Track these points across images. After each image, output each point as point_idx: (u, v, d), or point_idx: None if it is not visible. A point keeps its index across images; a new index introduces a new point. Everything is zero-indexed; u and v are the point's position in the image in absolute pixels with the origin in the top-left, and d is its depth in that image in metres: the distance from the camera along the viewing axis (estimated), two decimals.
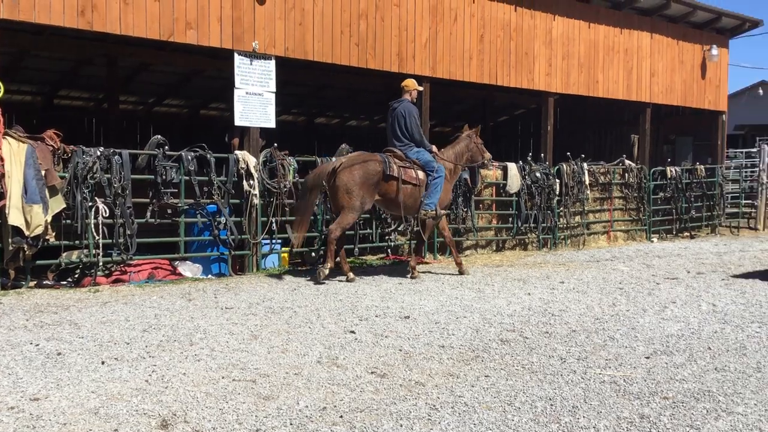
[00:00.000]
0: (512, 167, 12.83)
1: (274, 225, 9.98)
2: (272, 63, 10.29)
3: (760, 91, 33.40)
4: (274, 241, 10.15)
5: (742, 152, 21.55)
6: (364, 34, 11.33)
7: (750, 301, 7.89)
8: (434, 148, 9.75)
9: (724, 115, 18.37)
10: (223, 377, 4.83)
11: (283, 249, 10.43)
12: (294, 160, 10.30)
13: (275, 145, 10.20)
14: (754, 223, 17.78)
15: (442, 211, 9.63)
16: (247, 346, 5.69)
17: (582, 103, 16.65)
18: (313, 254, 10.59)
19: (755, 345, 5.87)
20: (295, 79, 16.30)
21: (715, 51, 17.26)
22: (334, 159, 10.00)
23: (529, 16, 13.68)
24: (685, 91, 17.18)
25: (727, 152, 20.12)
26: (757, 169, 18.34)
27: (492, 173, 12.59)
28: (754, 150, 19.76)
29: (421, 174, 9.40)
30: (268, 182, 9.88)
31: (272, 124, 10.38)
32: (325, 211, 10.44)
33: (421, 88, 10.04)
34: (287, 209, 10.12)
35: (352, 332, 6.20)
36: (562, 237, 13.74)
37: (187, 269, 9.41)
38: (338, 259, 9.26)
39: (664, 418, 4.13)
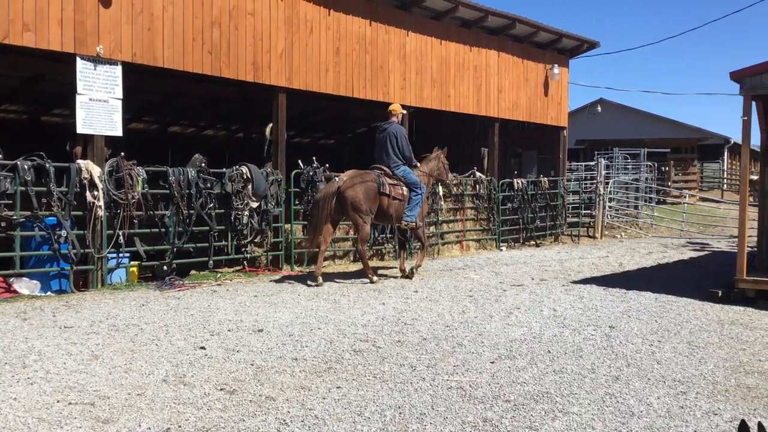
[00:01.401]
0: None
1: (121, 238, 9.51)
2: (118, 69, 9.84)
3: (599, 108, 36.00)
4: (121, 254, 9.68)
5: (582, 165, 23.07)
6: (218, 42, 11.08)
7: (587, 305, 8.43)
8: (418, 164, 11.01)
9: (565, 131, 19.56)
10: (58, 401, 4.54)
11: (132, 263, 9.97)
12: (143, 170, 9.88)
13: (122, 154, 9.74)
14: (593, 231, 19.03)
15: (420, 223, 10.82)
16: (86, 367, 5.38)
17: (436, 116, 17.13)
18: (165, 267, 10.21)
19: (590, 347, 6.27)
20: (146, 85, 15.68)
21: (556, 70, 18.38)
22: (335, 179, 10.53)
23: (384, 31, 13.94)
24: (530, 108, 18.15)
25: (569, 165, 21.46)
26: (595, 181, 19.67)
27: None
28: (593, 163, 21.21)
29: (405, 190, 10.51)
30: (115, 193, 9.42)
31: (119, 132, 9.92)
32: (177, 223, 10.12)
33: (405, 112, 10.91)
34: (136, 221, 9.71)
35: (203, 348, 6.03)
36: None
37: (24, 286, 8.78)
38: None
39: (506, 420, 4.31)
